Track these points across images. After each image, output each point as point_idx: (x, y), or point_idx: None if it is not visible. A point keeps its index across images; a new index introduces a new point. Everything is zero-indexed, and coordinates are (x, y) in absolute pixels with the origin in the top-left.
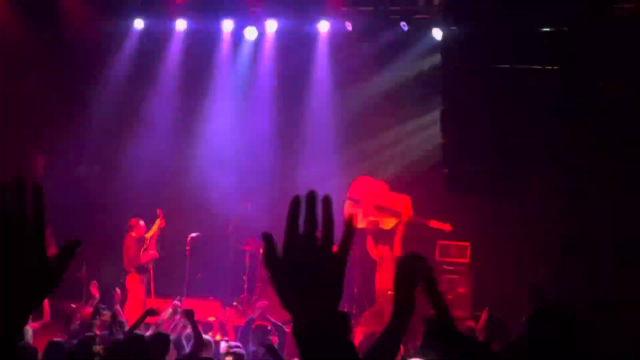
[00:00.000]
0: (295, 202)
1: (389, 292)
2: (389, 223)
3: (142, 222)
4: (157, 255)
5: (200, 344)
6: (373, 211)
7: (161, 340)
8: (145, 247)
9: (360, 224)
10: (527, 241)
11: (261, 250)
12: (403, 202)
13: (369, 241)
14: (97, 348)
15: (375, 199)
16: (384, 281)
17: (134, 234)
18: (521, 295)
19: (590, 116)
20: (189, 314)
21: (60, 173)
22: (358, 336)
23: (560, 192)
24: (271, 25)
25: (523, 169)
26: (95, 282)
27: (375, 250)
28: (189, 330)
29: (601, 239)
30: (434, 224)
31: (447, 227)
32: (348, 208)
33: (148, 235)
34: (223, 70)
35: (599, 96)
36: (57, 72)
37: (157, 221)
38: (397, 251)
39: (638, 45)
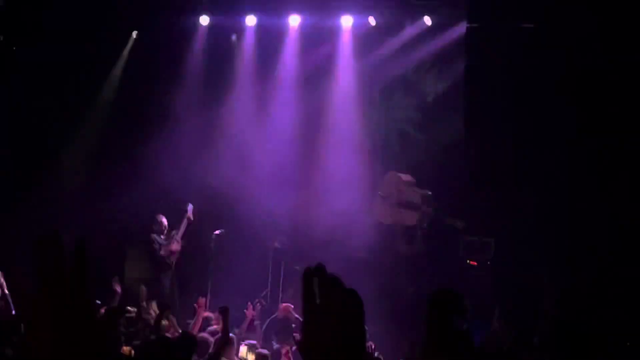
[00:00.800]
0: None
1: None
2: (412, 218)
3: (163, 219)
4: (177, 248)
5: (225, 342)
6: (396, 207)
7: (187, 341)
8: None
9: (388, 220)
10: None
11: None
12: (426, 199)
13: (397, 237)
14: (125, 349)
15: (399, 195)
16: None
17: (154, 235)
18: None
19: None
20: (224, 312)
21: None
22: None
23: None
24: (294, 20)
25: (545, 162)
26: (116, 277)
27: (402, 246)
28: (215, 326)
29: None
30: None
31: (459, 224)
32: (377, 205)
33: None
34: (247, 66)
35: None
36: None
37: (186, 215)
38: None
39: None
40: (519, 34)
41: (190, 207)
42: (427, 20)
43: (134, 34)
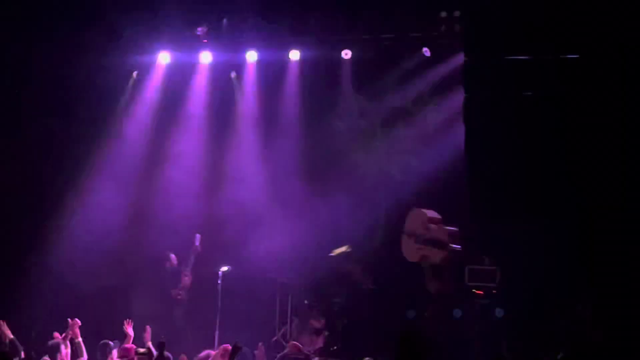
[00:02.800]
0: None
1: None
2: (437, 256)
3: (173, 256)
4: (188, 283)
5: None
6: (423, 245)
7: None
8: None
9: (414, 258)
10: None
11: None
12: (453, 236)
13: (427, 275)
14: None
15: (426, 233)
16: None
17: (167, 266)
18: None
19: (614, 140)
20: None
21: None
22: None
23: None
24: (294, 54)
25: (547, 195)
26: (130, 320)
27: (432, 284)
28: None
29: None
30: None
31: (458, 248)
32: (403, 243)
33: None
34: (248, 103)
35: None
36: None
37: (195, 246)
38: (449, 286)
39: None
40: (516, 65)
41: (197, 237)
42: (426, 52)
43: (135, 74)
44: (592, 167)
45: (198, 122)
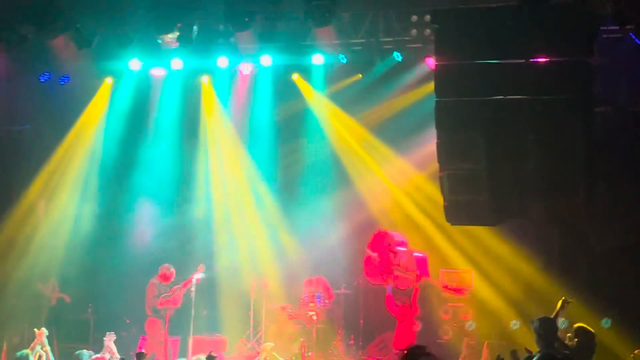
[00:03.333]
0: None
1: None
2: (404, 283)
3: (172, 269)
4: (177, 303)
5: None
6: (390, 270)
7: None
8: (169, 294)
9: (377, 280)
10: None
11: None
12: (419, 262)
13: (388, 297)
14: None
15: (393, 258)
16: (402, 340)
17: (155, 280)
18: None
19: (584, 143)
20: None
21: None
22: None
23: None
24: (266, 60)
25: (520, 196)
26: (112, 334)
27: (395, 308)
28: None
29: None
30: (445, 288)
31: (460, 291)
32: (366, 262)
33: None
34: (219, 109)
35: (591, 127)
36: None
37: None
38: (415, 311)
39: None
40: (487, 68)
41: (201, 267)
42: (397, 56)
43: (107, 80)
44: (564, 166)
45: (168, 128)
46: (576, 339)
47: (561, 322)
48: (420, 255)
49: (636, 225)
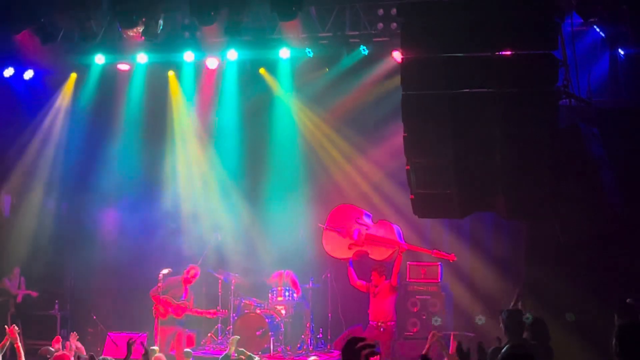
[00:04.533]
0: None
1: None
2: (383, 253)
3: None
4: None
5: None
6: (364, 241)
7: None
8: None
9: (345, 254)
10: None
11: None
12: (396, 232)
13: (351, 271)
14: None
15: (367, 228)
16: (381, 311)
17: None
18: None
19: (548, 138)
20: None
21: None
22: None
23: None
24: (232, 55)
25: (486, 189)
26: (74, 333)
27: (358, 282)
28: None
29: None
30: (437, 254)
31: (451, 257)
32: (330, 239)
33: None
34: (185, 103)
35: (556, 119)
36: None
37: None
38: (395, 281)
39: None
40: (453, 61)
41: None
42: (364, 50)
43: (73, 75)
44: (530, 160)
45: (134, 123)
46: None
47: (525, 318)
48: (396, 226)
49: (600, 218)
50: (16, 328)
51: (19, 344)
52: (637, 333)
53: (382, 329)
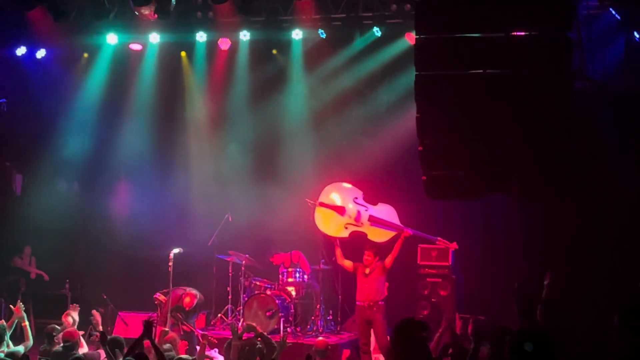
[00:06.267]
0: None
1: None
2: (384, 236)
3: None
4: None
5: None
6: (364, 223)
7: None
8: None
9: (340, 232)
10: (509, 243)
11: (244, 261)
12: (395, 214)
13: (338, 250)
14: None
15: (367, 210)
16: (373, 291)
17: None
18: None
19: (562, 120)
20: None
21: (38, 191)
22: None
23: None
24: (244, 36)
25: (499, 171)
26: (75, 305)
27: (345, 261)
28: None
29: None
30: (440, 242)
31: (453, 245)
32: (324, 216)
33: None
34: (198, 83)
35: (570, 102)
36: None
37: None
38: (389, 263)
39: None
40: (466, 42)
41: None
42: (377, 31)
43: (85, 55)
44: (542, 143)
45: (146, 104)
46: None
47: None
48: (392, 208)
49: (615, 203)
50: (22, 306)
51: (26, 323)
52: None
53: (374, 308)
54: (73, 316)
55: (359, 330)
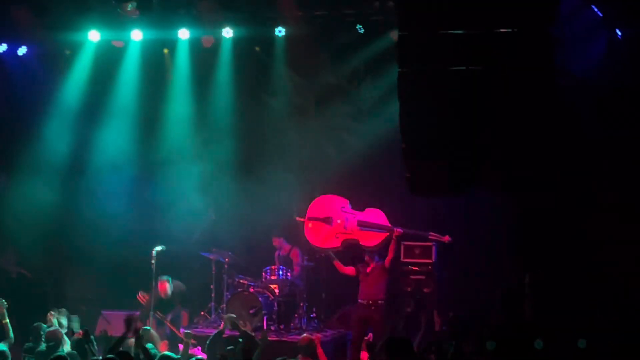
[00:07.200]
0: None
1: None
2: (375, 239)
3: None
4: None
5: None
6: (353, 229)
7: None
8: None
9: (332, 243)
10: (493, 239)
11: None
12: (383, 217)
13: (337, 262)
14: None
15: (354, 216)
16: (373, 290)
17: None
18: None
19: (545, 115)
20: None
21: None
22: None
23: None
24: (227, 33)
25: (482, 165)
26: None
27: (347, 268)
28: None
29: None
30: (432, 236)
31: (446, 238)
32: (315, 230)
33: None
34: (180, 80)
35: (552, 98)
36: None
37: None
38: (388, 263)
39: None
40: (449, 38)
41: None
42: (360, 29)
43: (67, 52)
44: (525, 139)
45: (128, 102)
46: None
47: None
48: (379, 210)
49: (597, 198)
50: (4, 303)
51: (6, 320)
52: None
53: (372, 308)
54: (60, 321)
55: (353, 326)
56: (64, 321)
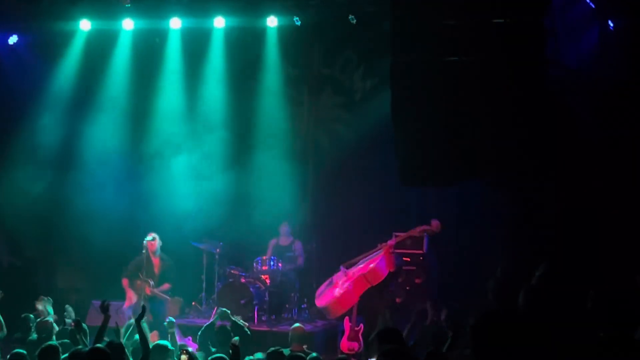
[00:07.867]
0: None
1: None
2: (379, 271)
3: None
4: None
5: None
6: (352, 274)
7: (117, 349)
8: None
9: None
10: (484, 230)
11: (218, 250)
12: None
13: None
14: None
15: (346, 271)
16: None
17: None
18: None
19: (537, 105)
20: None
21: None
22: None
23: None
24: (219, 22)
25: (474, 156)
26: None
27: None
28: None
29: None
30: (421, 229)
31: (434, 224)
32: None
33: None
34: (172, 70)
35: (544, 89)
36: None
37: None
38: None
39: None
40: (442, 29)
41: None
42: (352, 19)
43: (58, 40)
44: (519, 129)
45: (120, 91)
46: None
47: None
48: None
49: (591, 190)
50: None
51: None
52: None
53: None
54: (46, 308)
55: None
56: (50, 309)
